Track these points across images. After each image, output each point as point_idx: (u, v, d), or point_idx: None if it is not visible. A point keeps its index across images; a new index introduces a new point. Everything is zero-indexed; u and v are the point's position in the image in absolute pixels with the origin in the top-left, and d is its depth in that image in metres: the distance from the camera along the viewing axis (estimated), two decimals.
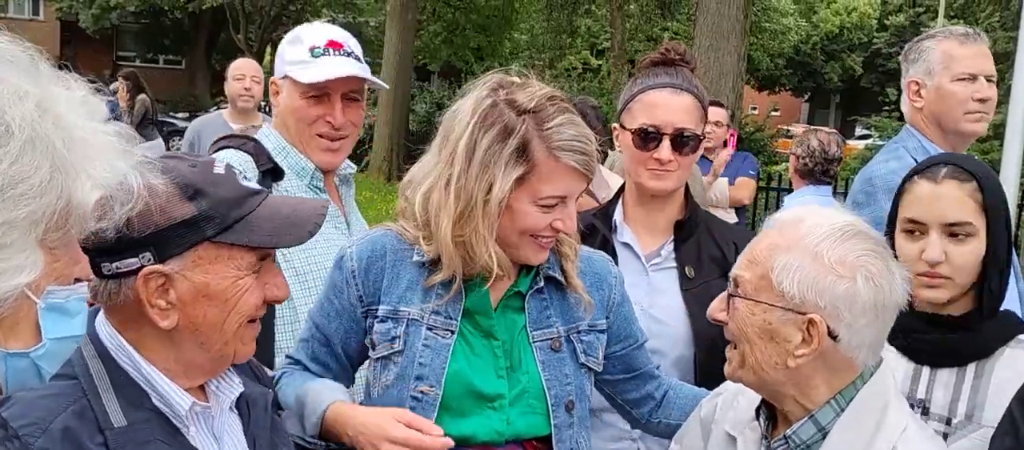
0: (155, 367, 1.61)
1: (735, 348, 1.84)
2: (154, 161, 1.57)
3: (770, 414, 1.89)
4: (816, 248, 1.73)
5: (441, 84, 28.23)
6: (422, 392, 2.02)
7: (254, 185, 1.69)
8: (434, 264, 2.05)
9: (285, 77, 2.66)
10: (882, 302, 1.73)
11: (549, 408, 2.08)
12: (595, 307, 2.18)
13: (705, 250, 2.63)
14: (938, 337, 2.09)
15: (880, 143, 17.60)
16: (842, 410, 1.77)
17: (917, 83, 3.21)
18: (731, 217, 6.61)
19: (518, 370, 2.08)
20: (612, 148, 5.08)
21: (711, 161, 6.93)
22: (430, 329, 2.04)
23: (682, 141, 2.52)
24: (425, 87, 27.02)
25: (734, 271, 1.84)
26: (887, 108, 20.99)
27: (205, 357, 1.64)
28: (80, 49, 42.73)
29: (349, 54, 2.66)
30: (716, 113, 7.22)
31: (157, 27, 43.63)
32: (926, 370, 2.12)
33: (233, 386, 1.75)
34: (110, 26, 41.80)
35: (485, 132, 1.95)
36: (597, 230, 2.67)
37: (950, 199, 2.12)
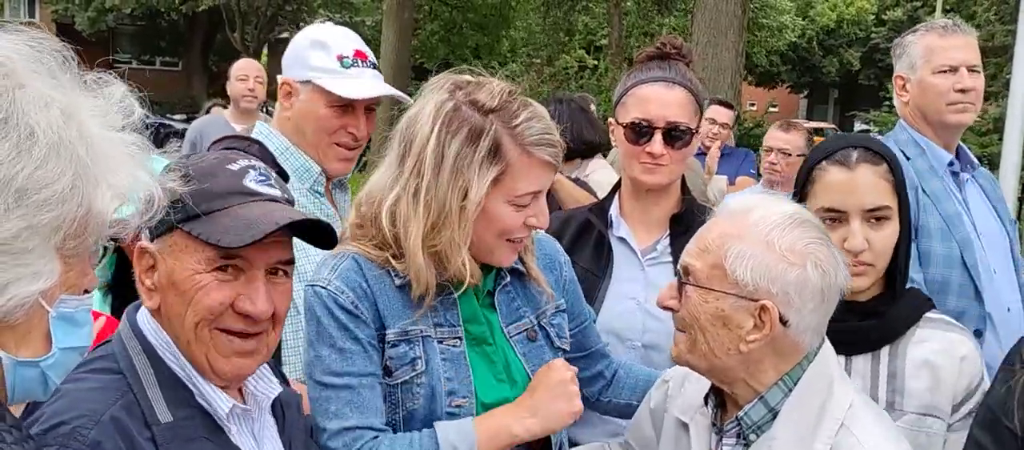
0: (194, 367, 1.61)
1: (683, 333, 1.86)
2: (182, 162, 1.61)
3: (718, 400, 1.92)
4: (767, 236, 1.76)
5: None
6: (458, 405, 1.98)
7: (258, 188, 1.64)
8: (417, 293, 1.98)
9: (308, 82, 2.59)
10: (828, 286, 1.78)
11: None
12: (552, 288, 2.19)
13: None
14: (850, 325, 2.07)
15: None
16: (790, 390, 1.81)
17: (902, 78, 3.24)
18: None
19: (511, 369, 2.07)
20: (611, 146, 5.06)
21: (704, 154, 6.89)
22: (441, 342, 2.00)
23: (674, 135, 2.52)
24: (421, 86, 26.97)
25: (684, 259, 1.86)
26: (887, 103, 21.02)
27: (186, 355, 1.61)
28: (75, 51, 42.64)
29: (374, 65, 2.66)
30: (722, 114, 7.18)
31: (153, 29, 43.60)
32: (841, 359, 2.10)
33: (272, 386, 1.75)
34: (106, 28, 41.77)
35: (452, 137, 1.89)
36: (593, 225, 2.66)
37: (867, 184, 2.11)
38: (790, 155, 5.19)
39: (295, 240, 1.70)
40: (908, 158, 3.09)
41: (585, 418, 2.60)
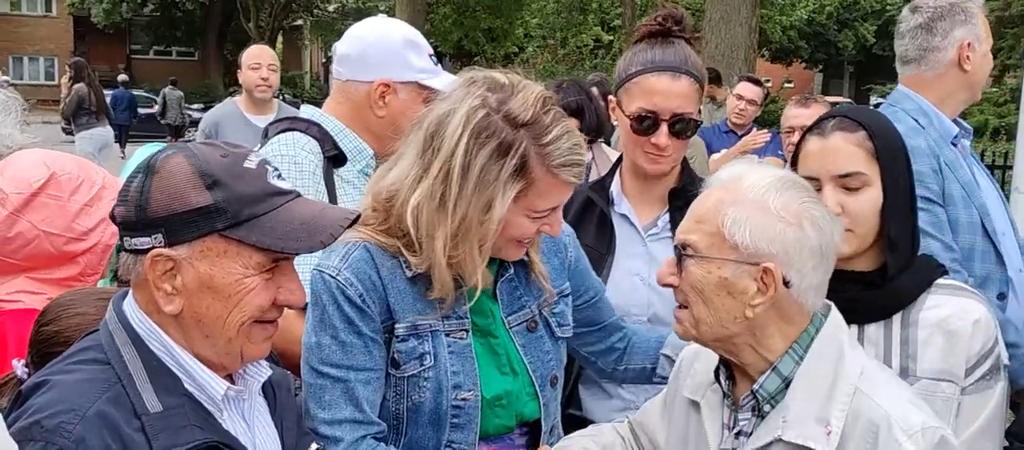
0: (188, 352, 1.63)
1: (686, 308, 1.86)
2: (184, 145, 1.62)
3: (729, 372, 1.92)
4: (762, 199, 1.77)
5: (453, 66, 28.16)
6: (464, 399, 1.98)
7: (283, 185, 1.65)
8: (426, 278, 1.96)
9: (412, 82, 2.66)
10: (826, 245, 1.79)
11: (537, 390, 2.08)
12: (558, 272, 2.19)
13: None
14: (854, 294, 2.09)
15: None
16: (801, 358, 1.82)
17: (970, 45, 3.14)
18: None
19: (512, 360, 2.07)
20: (613, 128, 4.96)
21: (739, 136, 6.86)
22: (448, 334, 2.00)
23: (679, 126, 2.51)
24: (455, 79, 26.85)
25: (681, 235, 1.86)
26: None
27: (212, 351, 1.63)
28: (93, 43, 42.88)
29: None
30: (750, 90, 7.06)
31: (168, 19, 43.71)
32: (854, 328, 2.11)
33: (261, 370, 1.76)
34: (122, 20, 41.93)
35: (480, 147, 1.86)
36: (594, 204, 2.67)
37: (838, 151, 2.13)
38: None
39: None
40: (922, 127, 3.06)
41: (593, 392, 2.65)
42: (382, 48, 2.69)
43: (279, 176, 1.67)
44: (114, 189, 2.37)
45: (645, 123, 2.50)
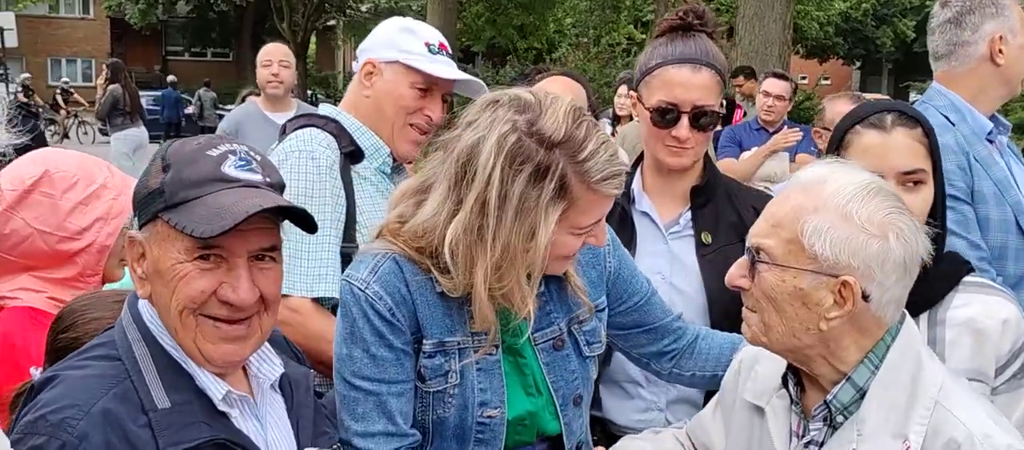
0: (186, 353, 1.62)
1: (755, 312, 1.78)
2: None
3: (797, 378, 1.84)
4: (845, 208, 1.67)
5: (486, 65, 28.20)
6: (489, 416, 1.95)
7: (235, 173, 1.61)
8: (459, 300, 1.92)
9: (394, 61, 2.67)
10: (910, 257, 1.70)
11: (558, 409, 2.03)
12: (595, 286, 2.12)
13: (723, 216, 2.57)
14: None
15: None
16: (876, 368, 1.73)
17: (1003, 38, 3.07)
18: None
19: (536, 379, 2.02)
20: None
21: (770, 133, 6.77)
22: (477, 350, 1.95)
23: (700, 118, 2.47)
24: (470, 69, 26.98)
25: (755, 239, 1.77)
26: None
27: (177, 341, 1.61)
28: (130, 45, 43.56)
29: (453, 58, 2.77)
30: (777, 86, 7.00)
31: (204, 21, 44.30)
32: None
33: (273, 367, 1.74)
34: (157, 21, 42.51)
35: (516, 174, 1.79)
36: (615, 202, 2.64)
37: (902, 148, 2.07)
38: None
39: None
40: (953, 124, 3.00)
41: (614, 392, 2.59)
42: (379, 32, 2.75)
43: (246, 166, 1.62)
44: (116, 188, 2.37)
45: (666, 116, 2.47)
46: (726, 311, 2.46)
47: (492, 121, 1.83)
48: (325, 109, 2.76)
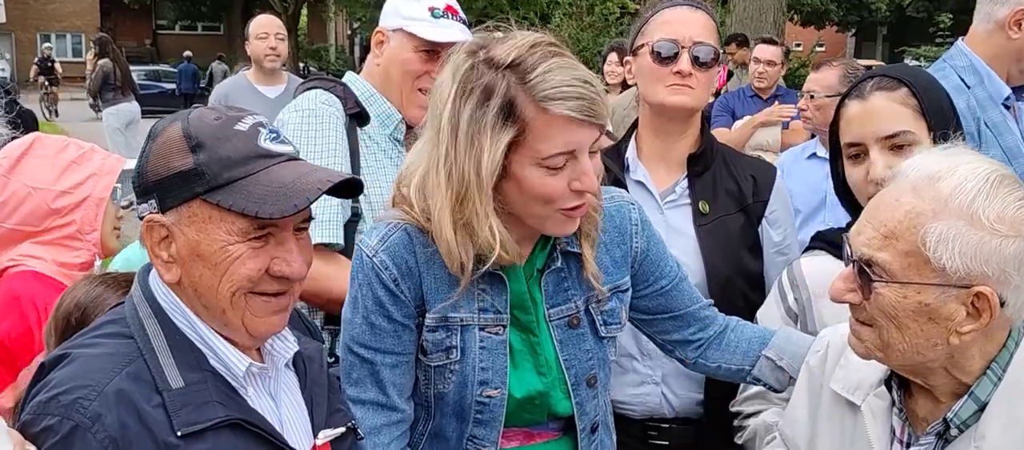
0: (210, 327, 1.59)
1: (868, 327, 1.59)
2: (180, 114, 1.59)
3: (901, 381, 1.68)
4: (971, 209, 1.46)
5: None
6: (489, 396, 1.93)
7: (276, 147, 1.58)
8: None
9: (398, 29, 2.73)
10: None
11: (569, 389, 1.99)
12: (618, 265, 2.05)
13: (721, 184, 2.53)
14: None
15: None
16: (1000, 379, 1.56)
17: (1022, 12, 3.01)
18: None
19: (548, 357, 1.98)
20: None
21: (765, 100, 6.73)
22: (482, 329, 1.92)
23: (701, 56, 2.45)
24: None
25: (863, 250, 1.55)
26: (939, 37, 20.30)
27: (217, 323, 1.58)
28: (119, 19, 43.17)
29: (463, 21, 2.79)
30: (767, 51, 6.96)
31: None
32: None
33: (288, 345, 1.72)
34: None
35: (465, 100, 1.75)
36: (608, 171, 2.53)
37: (881, 111, 2.03)
38: None
39: None
40: (968, 86, 2.96)
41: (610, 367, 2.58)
42: (388, 2, 2.81)
43: (277, 138, 1.60)
44: (103, 153, 2.54)
45: (665, 51, 2.45)
46: (725, 283, 2.45)
47: (455, 55, 1.83)
48: (347, 77, 2.86)
